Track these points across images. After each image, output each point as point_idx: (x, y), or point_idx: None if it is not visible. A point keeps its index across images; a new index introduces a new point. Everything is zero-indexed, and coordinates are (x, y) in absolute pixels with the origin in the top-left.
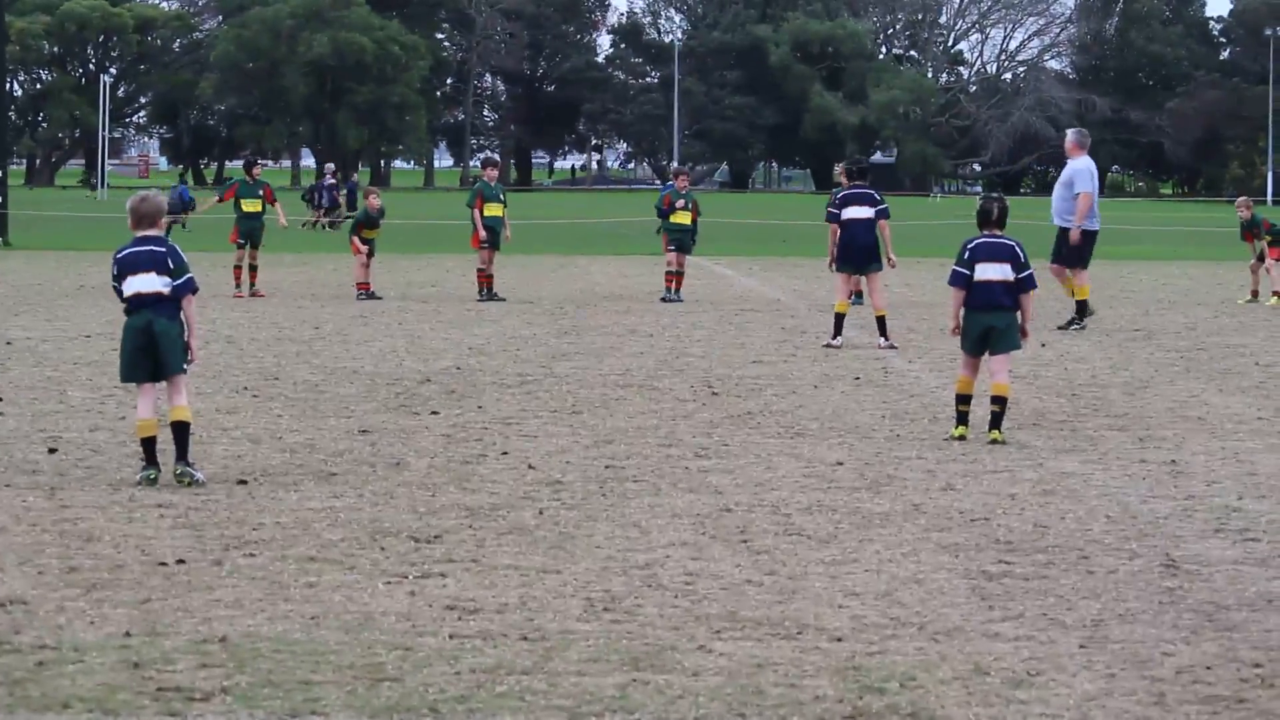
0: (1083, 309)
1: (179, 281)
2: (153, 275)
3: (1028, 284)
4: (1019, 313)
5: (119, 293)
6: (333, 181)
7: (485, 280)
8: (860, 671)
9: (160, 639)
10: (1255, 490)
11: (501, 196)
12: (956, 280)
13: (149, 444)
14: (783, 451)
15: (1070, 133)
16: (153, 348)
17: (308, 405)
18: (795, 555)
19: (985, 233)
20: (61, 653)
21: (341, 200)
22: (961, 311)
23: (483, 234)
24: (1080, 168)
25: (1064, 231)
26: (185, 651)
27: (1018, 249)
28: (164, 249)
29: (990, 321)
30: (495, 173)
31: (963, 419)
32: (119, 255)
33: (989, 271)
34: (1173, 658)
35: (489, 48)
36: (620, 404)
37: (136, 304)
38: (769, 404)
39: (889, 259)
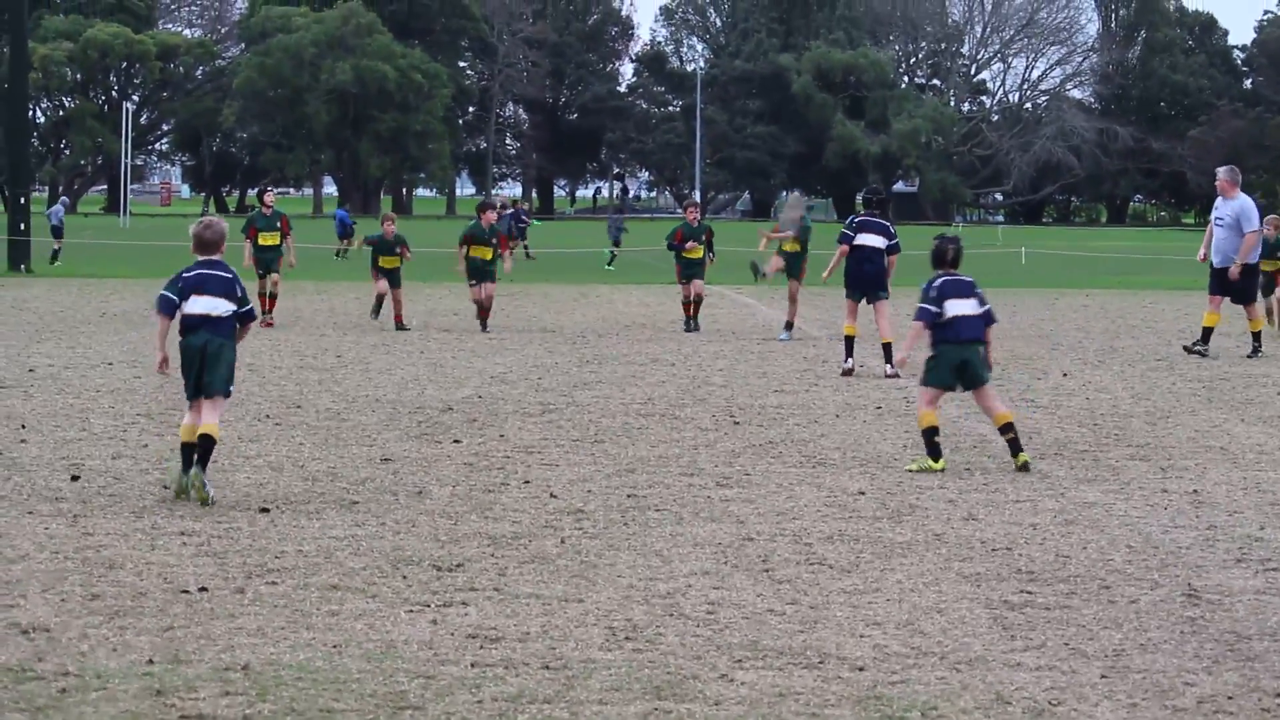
0: (1258, 339)
1: (244, 309)
2: (221, 300)
3: (989, 318)
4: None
5: (163, 302)
6: (513, 210)
7: (482, 313)
8: (882, 701)
9: (183, 667)
10: (1277, 520)
11: (493, 240)
12: (925, 316)
13: (188, 449)
14: (804, 481)
15: (1223, 171)
16: (201, 364)
17: (330, 433)
18: (817, 584)
19: (944, 271)
20: (84, 680)
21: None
22: (939, 346)
23: (461, 267)
24: (1246, 206)
25: (1224, 270)
26: (208, 679)
27: (976, 286)
28: (230, 275)
29: (967, 355)
30: (493, 216)
31: (936, 451)
32: (185, 273)
33: (961, 307)
34: (1194, 688)
35: (511, 76)
36: (642, 433)
37: (196, 323)
38: (791, 433)
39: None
